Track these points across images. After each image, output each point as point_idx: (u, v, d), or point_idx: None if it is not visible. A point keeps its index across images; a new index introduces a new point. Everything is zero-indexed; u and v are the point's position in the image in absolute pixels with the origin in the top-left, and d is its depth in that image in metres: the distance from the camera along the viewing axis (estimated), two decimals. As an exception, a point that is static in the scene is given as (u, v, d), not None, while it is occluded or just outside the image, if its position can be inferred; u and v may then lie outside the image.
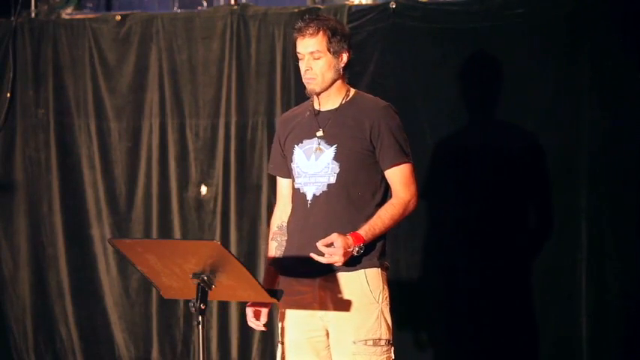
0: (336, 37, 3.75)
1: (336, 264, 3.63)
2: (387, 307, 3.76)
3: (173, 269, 3.37)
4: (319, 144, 3.79)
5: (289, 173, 3.88)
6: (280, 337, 3.87)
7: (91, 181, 6.09)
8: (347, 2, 5.56)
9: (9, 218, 6.26)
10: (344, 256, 3.59)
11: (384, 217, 3.70)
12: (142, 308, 6.01)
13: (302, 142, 3.83)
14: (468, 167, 5.16)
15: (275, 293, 3.52)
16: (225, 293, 3.51)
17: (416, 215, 3.82)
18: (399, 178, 3.75)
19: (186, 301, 3.65)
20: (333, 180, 3.74)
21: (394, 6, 5.32)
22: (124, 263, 5.92)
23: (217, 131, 5.81)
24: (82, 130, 6.11)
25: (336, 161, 3.75)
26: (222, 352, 5.81)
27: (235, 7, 5.83)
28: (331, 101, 3.82)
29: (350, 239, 3.62)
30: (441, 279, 5.23)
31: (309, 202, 3.77)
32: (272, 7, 5.73)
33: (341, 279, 3.71)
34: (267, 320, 3.86)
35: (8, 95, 6.20)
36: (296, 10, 5.62)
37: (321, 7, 5.60)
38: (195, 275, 3.33)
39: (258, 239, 5.71)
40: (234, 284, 3.39)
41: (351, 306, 3.70)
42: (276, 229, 3.92)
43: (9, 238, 6.27)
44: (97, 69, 6.06)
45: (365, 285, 3.72)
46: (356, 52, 3.88)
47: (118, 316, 6.05)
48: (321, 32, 3.73)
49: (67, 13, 6.23)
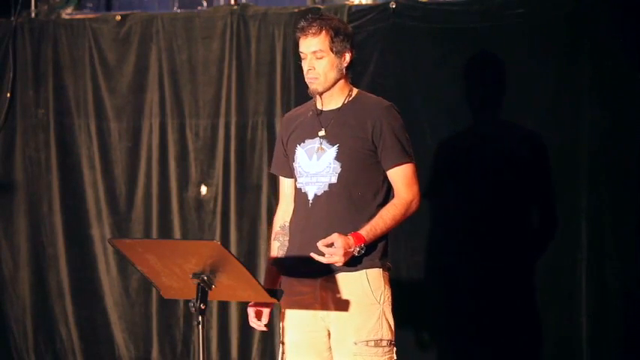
0: (339, 37, 3.74)
1: (336, 264, 3.62)
2: (389, 308, 3.75)
3: (173, 269, 3.37)
4: (321, 144, 3.78)
5: (292, 173, 3.87)
6: (281, 338, 3.87)
7: (91, 181, 6.09)
8: (347, 2, 5.56)
9: (9, 218, 6.26)
10: (344, 256, 3.59)
11: (385, 218, 3.69)
12: (142, 308, 6.01)
13: (304, 142, 3.82)
14: (468, 167, 5.16)
15: (275, 293, 3.52)
16: (225, 293, 3.51)
17: (416, 215, 3.81)
18: (401, 178, 3.75)
19: (186, 301, 3.64)
20: (334, 180, 3.73)
21: (394, 6, 5.32)
22: (124, 263, 5.92)
23: (217, 131, 5.81)
24: (82, 130, 6.11)
25: (338, 161, 3.74)
26: (222, 352, 5.81)
27: (235, 7, 5.82)
28: (334, 101, 3.81)
29: (351, 239, 3.61)
30: (440, 279, 5.23)
31: (311, 201, 3.77)
32: (272, 7, 5.73)
33: (342, 279, 3.70)
34: (268, 320, 3.86)
35: (8, 95, 6.20)
36: (296, 10, 5.63)
37: (321, 7, 5.60)
38: (195, 275, 3.33)
39: (258, 239, 5.71)
40: (234, 284, 3.38)
41: (353, 306, 3.70)
42: (279, 229, 3.91)
43: (9, 238, 6.26)
44: (97, 69, 6.05)
45: (366, 285, 3.71)
46: (356, 52, 3.87)
47: (118, 316, 6.05)
48: (323, 32, 3.72)
49: (67, 13, 6.22)
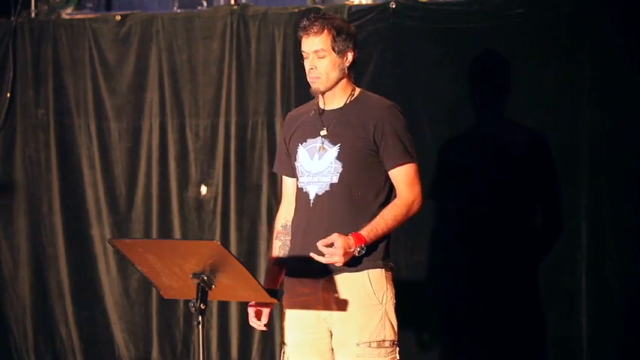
0: (341, 36, 3.73)
1: (336, 264, 3.62)
2: (392, 308, 3.74)
3: (173, 269, 3.37)
4: (323, 143, 3.77)
5: (294, 172, 3.87)
6: (283, 338, 3.87)
7: (91, 181, 6.09)
8: (347, 2, 5.55)
9: (9, 218, 6.26)
10: (344, 256, 3.58)
11: (386, 218, 3.68)
12: (142, 308, 6.01)
13: (306, 141, 3.82)
14: (468, 167, 5.15)
15: (275, 293, 3.52)
16: (225, 293, 3.51)
17: (416, 215, 3.81)
18: (402, 178, 3.74)
19: (186, 301, 3.64)
20: (335, 179, 3.73)
21: (394, 6, 5.32)
22: (124, 263, 5.92)
23: (217, 131, 5.81)
24: (82, 130, 6.11)
25: (339, 161, 3.73)
26: (222, 352, 5.81)
27: (235, 7, 5.82)
28: (336, 100, 3.81)
29: (351, 240, 3.60)
30: (440, 279, 5.22)
31: (312, 201, 3.76)
32: (272, 7, 5.73)
33: (344, 280, 3.70)
34: (268, 320, 3.85)
35: (8, 95, 6.20)
36: (296, 10, 5.62)
37: (321, 7, 5.59)
38: (195, 275, 3.33)
39: (258, 239, 5.71)
40: (234, 284, 3.38)
41: (355, 308, 3.69)
42: (280, 229, 3.91)
43: (9, 238, 6.27)
44: (97, 69, 6.05)
45: (368, 286, 3.70)
46: (358, 51, 3.87)
47: (118, 316, 6.04)
48: (325, 31, 3.72)
49: (67, 13, 6.22)
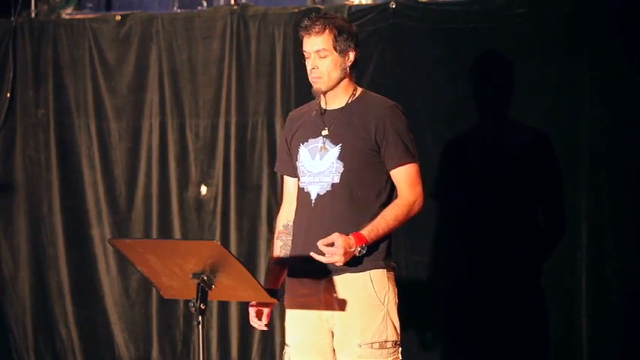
0: (343, 36, 3.73)
1: (336, 264, 3.61)
2: (394, 308, 3.73)
3: (173, 269, 3.37)
4: (324, 143, 3.77)
5: (295, 172, 3.87)
6: (285, 338, 3.87)
7: (91, 181, 6.09)
8: (347, 2, 5.55)
9: (9, 218, 6.26)
10: (344, 256, 3.58)
11: (387, 218, 3.68)
12: (142, 308, 6.01)
13: (307, 141, 3.81)
14: (468, 167, 5.15)
15: (275, 293, 3.51)
16: (225, 293, 3.51)
17: (416, 215, 3.81)
18: (404, 178, 3.74)
19: (186, 301, 3.64)
20: (337, 179, 3.72)
21: (394, 6, 5.31)
22: (124, 263, 5.92)
23: (217, 131, 5.81)
24: (82, 130, 6.11)
25: (341, 160, 3.73)
26: (222, 352, 5.81)
27: (235, 7, 5.82)
28: (338, 100, 3.81)
29: (352, 239, 3.60)
30: (440, 279, 5.22)
31: (313, 201, 3.76)
32: (272, 7, 5.72)
33: (346, 281, 3.69)
34: (268, 320, 3.85)
35: (8, 95, 6.20)
36: (296, 10, 5.62)
37: (321, 7, 5.59)
38: (195, 275, 3.33)
39: (258, 239, 5.71)
40: (234, 284, 3.38)
41: (357, 308, 3.68)
42: (282, 229, 3.91)
43: (9, 238, 6.27)
44: (97, 69, 6.05)
45: (370, 287, 3.70)
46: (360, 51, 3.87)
47: (118, 316, 6.04)
48: (327, 31, 3.72)
49: (67, 13, 6.22)
